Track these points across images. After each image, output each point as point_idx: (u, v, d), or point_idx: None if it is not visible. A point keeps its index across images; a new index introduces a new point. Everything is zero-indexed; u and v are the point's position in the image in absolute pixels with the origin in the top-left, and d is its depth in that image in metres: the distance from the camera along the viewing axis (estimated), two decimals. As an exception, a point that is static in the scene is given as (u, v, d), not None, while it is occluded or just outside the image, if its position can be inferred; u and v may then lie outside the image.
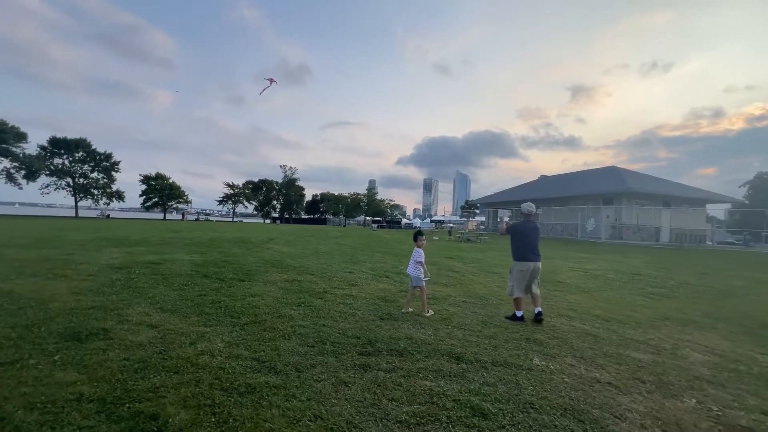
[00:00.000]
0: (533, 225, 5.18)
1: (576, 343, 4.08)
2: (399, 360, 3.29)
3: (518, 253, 5.03)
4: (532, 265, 4.94)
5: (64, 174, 45.77)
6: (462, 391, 2.75)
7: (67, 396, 2.37)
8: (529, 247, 4.99)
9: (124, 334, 3.53)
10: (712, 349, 4.12)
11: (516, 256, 5.05)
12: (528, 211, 5.20)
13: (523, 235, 5.07)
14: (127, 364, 2.91)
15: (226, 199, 71.33)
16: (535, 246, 5.03)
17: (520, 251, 5.01)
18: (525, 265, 4.93)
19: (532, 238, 5.04)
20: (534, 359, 3.50)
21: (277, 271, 7.56)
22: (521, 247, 5.02)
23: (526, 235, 5.05)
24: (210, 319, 4.20)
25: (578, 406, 2.63)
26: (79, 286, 5.44)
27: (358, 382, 2.81)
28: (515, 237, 5.14)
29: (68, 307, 4.30)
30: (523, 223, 5.21)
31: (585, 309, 5.76)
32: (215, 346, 3.37)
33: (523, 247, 5.01)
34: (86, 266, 7.07)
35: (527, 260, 4.95)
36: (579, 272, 10.07)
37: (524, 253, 4.98)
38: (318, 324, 4.21)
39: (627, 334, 4.55)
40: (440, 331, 4.22)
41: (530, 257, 4.96)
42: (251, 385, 2.65)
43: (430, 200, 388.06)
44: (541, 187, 36.26)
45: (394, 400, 2.56)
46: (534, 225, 5.20)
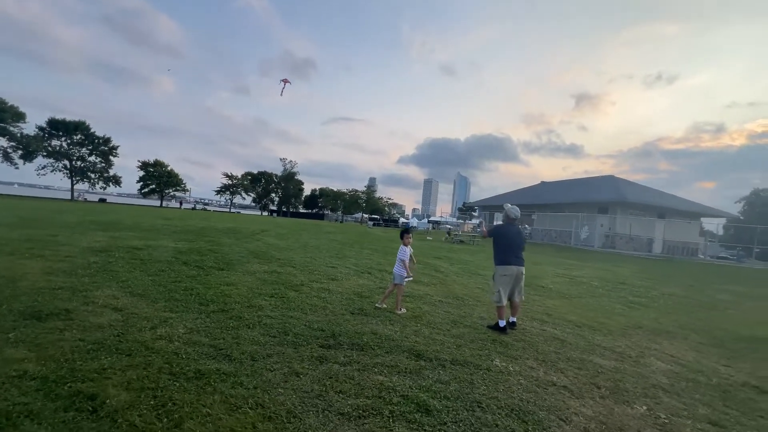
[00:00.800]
0: (516, 229, 4.98)
1: (542, 346, 4.08)
2: (358, 354, 3.29)
3: (501, 257, 4.75)
4: (516, 269, 4.68)
5: (62, 156, 45.56)
6: (413, 387, 2.75)
7: (11, 373, 2.36)
8: (513, 252, 4.73)
9: (86, 316, 3.52)
10: (677, 359, 4.13)
11: (498, 260, 4.76)
12: (514, 215, 4.95)
13: (506, 238, 4.81)
14: (81, 345, 2.90)
15: (224, 190, 71.17)
16: (519, 250, 4.80)
17: (503, 255, 4.73)
18: (508, 269, 4.66)
19: (516, 241, 4.80)
20: (495, 360, 3.50)
21: (259, 262, 7.55)
22: (504, 251, 4.74)
23: (510, 239, 4.80)
24: (178, 305, 4.19)
25: (526, 407, 2.63)
26: (54, 266, 5.41)
27: (311, 373, 2.81)
28: (498, 240, 4.86)
29: (36, 287, 4.29)
30: (506, 226, 4.99)
31: (560, 314, 5.76)
32: (175, 332, 3.36)
33: (506, 251, 4.74)
34: (67, 248, 7.04)
35: (510, 264, 4.68)
36: (564, 278, 10.09)
37: (507, 257, 4.71)
38: (286, 315, 4.20)
39: (595, 340, 4.56)
40: (408, 328, 4.22)
41: (513, 261, 4.70)
42: (201, 372, 2.64)
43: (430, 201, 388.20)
44: (539, 193, 36.32)
45: (342, 392, 2.56)
46: (517, 229, 5.01)
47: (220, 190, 71.49)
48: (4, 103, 38.48)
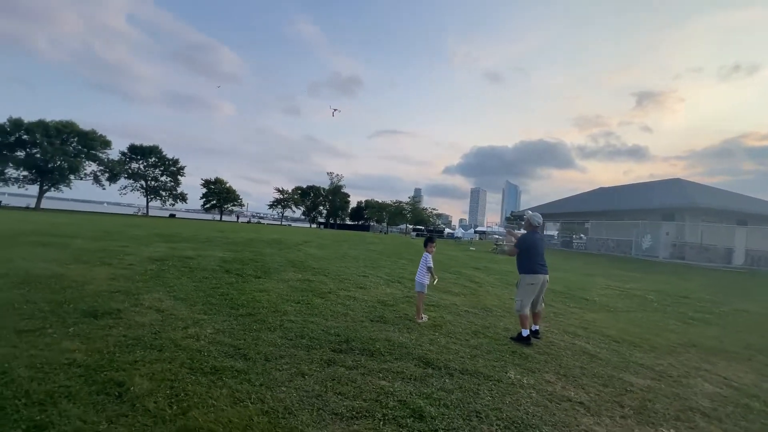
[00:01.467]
0: (540, 236, 4.91)
1: (567, 360, 3.84)
2: (366, 359, 3.36)
3: (527, 265, 4.63)
4: (542, 277, 4.60)
5: (139, 177, 51.50)
6: (413, 393, 2.75)
7: (63, 361, 2.77)
8: (538, 259, 4.65)
9: (133, 315, 3.99)
10: (730, 381, 3.65)
11: (524, 269, 4.64)
12: (536, 222, 4.88)
13: (533, 246, 4.70)
14: (123, 339, 3.30)
15: (276, 204, 75.36)
16: (543, 257, 4.73)
17: (529, 263, 4.62)
18: (535, 278, 4.56)
19: (541, 249, 4.74)
20: (509, 372, 3.37)
21: (294, 271, 7.93)
22: (531, 259, 4.63)
23: (536, 247, 4.69)
24: (212, 308, 4.58)
25: (530, 420, 2.52)
26: (117, 273, 6.17)
27: (316, 375, 2.93)
28: (527, 249, 4.72)
29: (99, 290, 4.93)
30: (531, 234, 4.85)
31: (598, 328, 5.35)
32: (203, 332, 3.68)
33: (532, 259, 4.63)
34: (131, 257, 7.96)
35: (537, 273, 4.58)
36: (614, 291, 9.30)
37: (533, 265, 4.60)
38: (307, 320, 4.40)
39: (633, 357, 4.17)
40: (424, 336, 4.20)
41: (539, 270, 4.60)
42: (216, 368, 2.89)
43: (477, 211, 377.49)
44: (595, 199, 33.83)
45: (341, 394, 2.65)
46: (541, 236, 4.95)
47: (273, 204, 75.80)
48: (95, 133, 44.58)
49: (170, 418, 2.15)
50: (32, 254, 7.33)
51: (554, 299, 7.44)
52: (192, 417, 2.18)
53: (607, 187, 38.02)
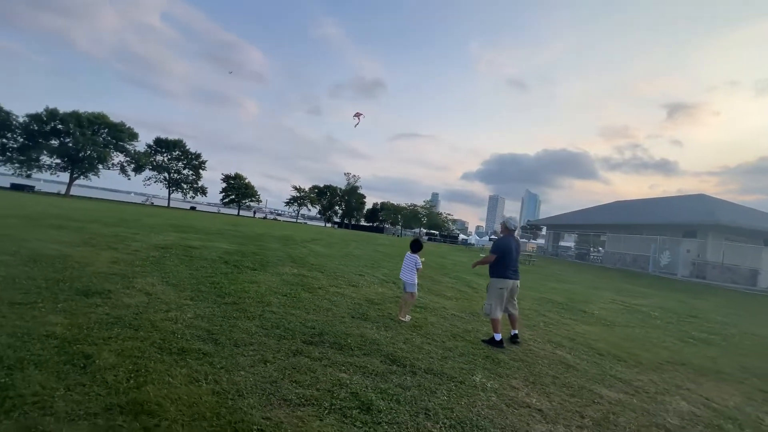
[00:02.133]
0: (516, 241, 4.90)
1: (541, 369, 3.78)
2: (334, 352, 3.41)
3: (498, 269, 4.66)
4: (511, 282, 4.66)
5: (163, 169, 53.35)
6: (369, 387, 2.79)
7: (42, 332, 2.94)
8: (510, 265, 4.67)
9: (121, 297, 4.18)
10: (710, 402, 3.51)
11: (495, 273, 4.68)
12: (512, 225, 4.91)
13: (508, 251, 4.67)
14: (105, 317, 3.47)
15: (292, 201, 76.50)
16: (516, 263, 4.76)
17: (500, 268, 4.65)
18: (504, 283, 4.62)
19: (515, 254, 4.74)
20: (476, 375, 3.36)
21: (292, 266, 8.07)
22: (503, 264, 4.65)
23: (510, 252, 4.68)
24: (200, 295, 4.73)
25: (479, 422, 2.51)
26: (120, 257, 6.45)
27: (279, 362, 3.01)
28: (501, 255, 4.69)
29: (98, 271, 5.18)
30: (507, 239, 4.81)
31: (586, 340, 5.23)
32: (183, 316, 3.82)
33: (504, 264, 4.65)
34: (138, 244, 8.29)
35: (507, 278, 4.62)
36: (618, 306, 9.03)
37: (504, 270, 4.64)
38: (288, 312, 4.49)
39: (614, 370, 4.07)
40: (401, 335, 4.22)
41: (510, 275, 4.64)
42: (184, 349, 3.00)
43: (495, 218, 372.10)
44: (613, 212, 32.84)
45: (297, 382, 2.71)
46: (517, 241, 4.93)
47: (289, 202, 76.97)
48: (123, 125, 46.52)
49: (124, 390, 2.27)
50: (47, 236, 7.74)
51: (550, 310, 7.30)
52: (144, 391, 2.28)
53: (624, 200, 36.85)
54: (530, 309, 7.05)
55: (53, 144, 43.16)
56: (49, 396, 2.11)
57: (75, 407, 2.04)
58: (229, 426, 2.06)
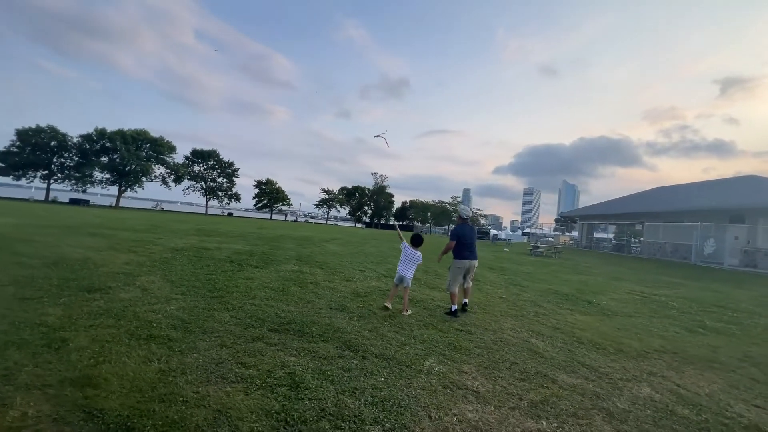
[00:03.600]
0: (470, 227, 5.64)
1: (503, 355, 3.77)
2: (293, 338, 3.62)
3: (458, 252, 5.47)
4: (468, 263, 5.45)
5: (199, 178, 56.59)
6: (310, 368, 2.96)
7: (36, 321, 3.39)
8: (468, 248, 5.46)
9: (118, 292, 4.65)
10: (679, 389, 3.35)
11: (456, 255, 5.48)
12: (465, 214, 5.75)
13: (464, 237, 5.47)
14: (96, 309, 3.90)
15: (321, 204, 78.29)
16: (473, 246, 5.53)
17: (460, 251, 5.46)
18: (462, 263, 5.42)
19: (471, 239, 5.52)
20: (428, 361, 3.43)
21: (295, 263, 8.41)
22: (461, 248, 5.46)
23: (467, 237, 5.48)
24: (191, 290, 5.12)
25: (404, 401, 2.60)
26: (134, 259, 7.07)
27: (234, 347, 3.25)
28: (458, 239, 5.48)
29: (109, 271, 5.75)
30: (462, 226, 5.57)
31: (572, 330, 5.08)
32: (167, 308, 4.19)
33: (462, 248, 5.45)
34: (157, 247, 9.00)
35: (464, 258, 5.42)
36: (634, 296, 8.57)
37: (462, 251, 5.43)
38: (269, 305, 4.76)
39: (585, 359, 3.96)
40: (369, 324, 4.35)
41: (467, 256, 5.45)
42: (153, 336, 3.33)
43: (531, 212, 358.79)
44: (652, 198, 30.74)
45: (242, 363, 2.93)
46: (470, 227, 5.66)
47: (319, 204, 78.84)
48: (163, 139, 49.95)
49: (81, 367, 2.59)
50: (79, 242, 8.60)
51: (550, 301, 7.11)
52: (99, 368, 2.60)
53: (665, 186, 34.33)
54: (527, 300, 6.91)
55: (103, 161, 47.18)
56: (17, 370, 2.47)
57: (34, 380, 2.38)
58: (158, 397, 2.31)
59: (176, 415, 2.14)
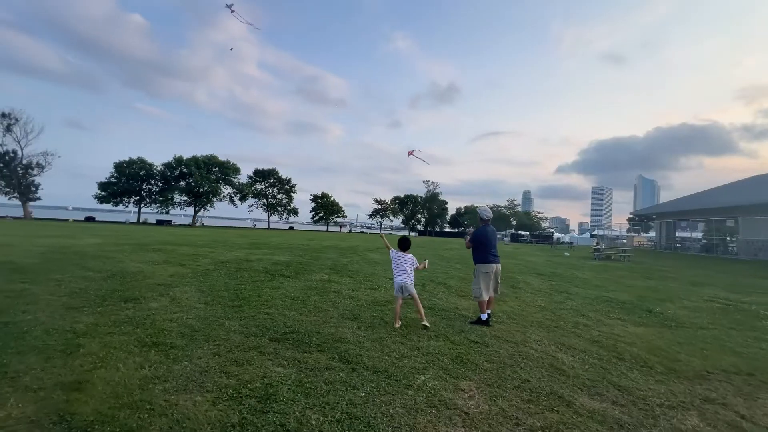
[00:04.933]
0: (492, 228, 5.27)
1: (515, 371, 3.33)
2: (289, 348, 3.56)
3: (480, 256, 5.11)
4: (494, 266, 5.04)
5: (262, 196, 60.94)
6: (291, 380, 2.86)
7: (66, 328, 3.76)
8: (490, 250, 5.09)
9: (150, 302, 5.03)
10: (742, 422, 2.64)
11: (478, 260, 5.12)
12: (486, 215, 5.29)
13: (486, 239, 5.12)
14: (122, 318, 4.24)
15: (374, 214, 79.53)
16: (495, 248, 5.16)
17: (482, 255, 5.10)
18: (488, 267, 5.01)
19: (493, 241, 5.16)
20: (424, 376, 3.14)
21: (327, 273, 8.51)
22: (484, 251, 5.09)
23: (488, 239, 5.13)
24: (216, 300, 5.38)
25: (374, 420, 2.37)
26: (180, 271, 7.68)
27: (227, 356, 3.28)
28: (479, 242, 5.15)
29: (152, 283, 6.29)
30: (482, 229, 5.22)
31: (613, 344, 4.37)
32: (185, 317, 4.42)
33: (484, 251, 5.08)
34: (207, 260, 9.72)
35: (489, 262, 5.02)
36: (712, 304, 7.24)
37: (485, 255, 5.06)
38: (282, 314, 4.81)
39: (622, 378, 3.34)
40: (375, 335, 4.15)
41: (491, 259, 5.04)
42: (158, 343, 3.50)
43: (601, 212, 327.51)
44: (748, 189, 26.19)
45: (226, 372, 2.93)
46: (492, 229, 5.29)
47: (372, 214, 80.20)
48: (229, 162, 54.91)
49: (79, 372, 2.79)
50: (142, 257, 9.62)
51: (598, 310, 6.27)
52: (92, 374, 2.77)
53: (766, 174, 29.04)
54: (569, 309, 6.16)
55: (181, 185, 53.10)
56: (25, 373, 2.73)
57: (34, 382, 2.60)
58: (130, 404, 2.38)
59: (135, 422, 2.17)
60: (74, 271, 7.01)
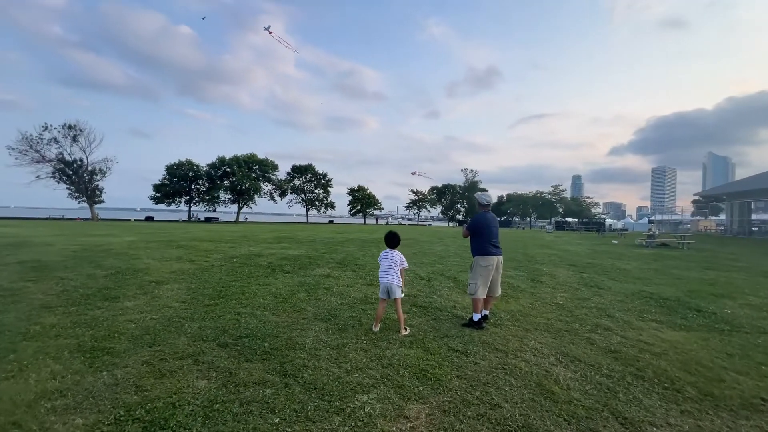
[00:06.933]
0: (492, 215, 4.54)
1: (487, 393, 2.66)
2: (230, 356, 3.16)
3: (479, 247, 4.39)
4: (496, 259, 4.37)
5: (299, 191, 62.53)
6: (201, 399, 2.44)
7: (23, 329, 3.67)
8: (491, 240, 4.38)
9: (125, 301, 4.91)
10: None
11: (477, 251, 4.40)
12: (485, 200, 4.54)
13: (486, 227, 4.41)
14: (88, 319, 4.11)
15: (411, 205, 78.67)
16: (497, 238, 4.46)
17: (481, 245, 4.38)
18: (488, 260, 4.31)
19: (494, 230, 4.44)
20: (368, 396, 2.58)
21: (331, 268, 8.12)
22: (482, 241, 4.38)
23: (488, 228, 4.41)
24: (197, 298, 5.15)
25: (267, 460, 1.87)
26: (185, 268, 7.68)
27: (157, 365, 2.94)
28: (479, 230, 4.42)
29: (148, 280, 6.25)
30: (482, 215, 4.48)
31: (636, 355, 3.49)
32: (148, 318, 4.19)
33: (484, 241, 4.37)
34: (219, 256, 9.75)
35: (490, 254, 4.33)
36: (790, 301, 5.86)
37: (486, 246, 4.35)
38: (252, 314, 4.45)
39: (632, 406, 2.54)
40: (338, 339, 3.65)
41: (493, 251, 4.35)
42: (95, 348, 3.26)
43: (663, 195, 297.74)
44: None
45: (138, 387, 2.58)
46: (493, 215, 4.57)
47: (409, 206, 79.42)
48: (267, 160, 56.80)
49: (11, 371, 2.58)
50: (160, 253, 9.87)
51: (631, 309, 5.28)
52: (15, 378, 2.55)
53: None
54: (594, 308, 5.23)
55: (225, 184, 55.92)
56: None
57: (-70, 395, 2.42)
58: (4, 425, 2.09)
59: (-19, 453, 1.86)
60: (84, 269, 7.23)
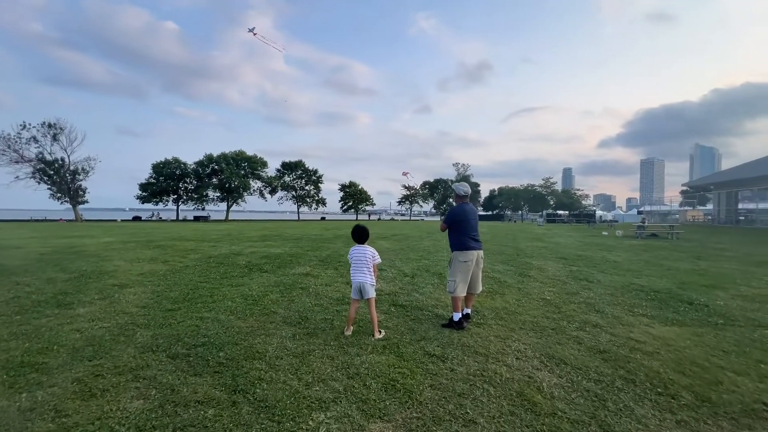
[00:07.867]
0: (471, 207, 4.21)
1: (460, 405, 2.37)
2: (178, 370, 2.81)
3: (458, 241, 4.06)
4: (475, 253, 4.07)
5: (290, 188, 61.76)
6: (125, 426, 2.10)
7: (-52, 344, 3.28)
8: (470, 233, 4.06)
9: (79, 307, 4.53)
10: None
11: (456, 245, 4.08)
12: (463, 191, 4.21)
13: (464, 219, 4.08)
14: (31, 329, 3.73)
15: (404, 200, 78.42)
16: (476, 231, 4.14)
17: (460, 239, 4.05)
18: (468, 255, 4.01)
19: (472, 222, 4.12)
20: (326, 413, 2.27)
21: (312, 266, 7.77)
22: (461, 234, 4.06)
23: (467, 220, 4.07)
24: (160, 302, 4.78)
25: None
26: (157, 269, 7.26)
27: (89, 382, 2.58)
28: (458, 223, 4.09)
29: (111, 284, 5.85)
30: (460, 207, 4.15)
31: (626, 355, 3.23)
32: (97, 327, 3.82)
33: (463, 234, 4.05)
34: (197, 255, 9.34)
35: (469, 248, 4.02)
36: (782, 290, 5.69)
37: (464, 240, 4.04)
38: (216, 319, 4.11)
39: (622, 416, 2.27)
40: (305, 346, 3.33)
41: (472, 245, 4.04)
42: (24, 363, 2.90)
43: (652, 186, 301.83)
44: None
45: (58, 411, 2.23)
46: (472, 207, 4.23)
47: (401, 201, 79.16)
48: (256, 156, 55.87)
49: None
50: (133, 255, 9.41)
51: (621, 303, 5.04)
52: None
53: None
54: (583, 303, 4.98)
55: (214, 182, 54.92)
56: None
57: None
58: None
59: None
60: (46, 273, 6.78)
